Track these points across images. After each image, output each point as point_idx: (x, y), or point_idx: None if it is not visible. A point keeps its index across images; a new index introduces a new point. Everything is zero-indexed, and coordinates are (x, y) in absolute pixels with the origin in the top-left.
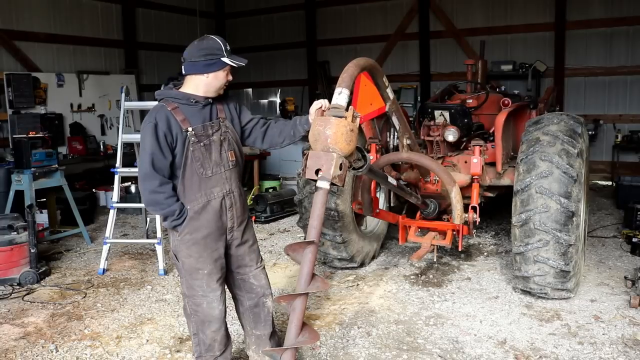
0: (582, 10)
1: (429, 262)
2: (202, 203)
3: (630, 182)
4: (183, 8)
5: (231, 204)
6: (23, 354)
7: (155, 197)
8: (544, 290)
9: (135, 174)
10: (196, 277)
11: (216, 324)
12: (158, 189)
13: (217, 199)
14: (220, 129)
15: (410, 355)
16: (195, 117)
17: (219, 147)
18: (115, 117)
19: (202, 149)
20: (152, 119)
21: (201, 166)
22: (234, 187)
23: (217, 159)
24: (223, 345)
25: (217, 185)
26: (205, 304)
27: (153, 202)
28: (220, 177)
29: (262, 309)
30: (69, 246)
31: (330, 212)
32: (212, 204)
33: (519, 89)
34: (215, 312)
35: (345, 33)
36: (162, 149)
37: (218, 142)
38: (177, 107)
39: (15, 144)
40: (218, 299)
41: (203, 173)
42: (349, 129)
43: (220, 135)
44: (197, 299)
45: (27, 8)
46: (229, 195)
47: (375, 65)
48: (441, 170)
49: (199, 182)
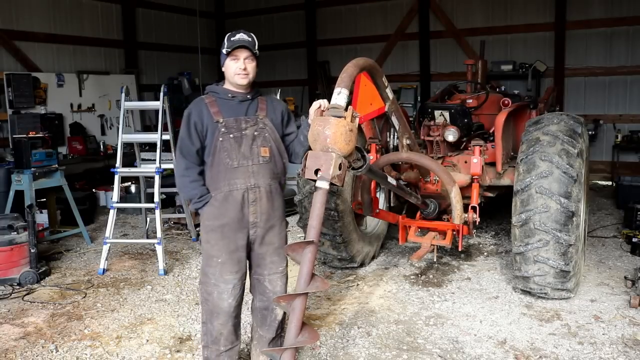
0: (582, 10)
1: (429, 262)
2: (224, 192)
3: (630, 182)
4: (183, 8)
5: (255, 198)
6: (23, 354)
7: (181, 180)
8: (544, 290)
9: (135, 174)
10: (210, 264)
11: (223, 317)
12: (184, 172)
13: (240, 190)
14: (256, 125)
15: (410, 355)
16: (230, 110)
17: (251, 141)
18: (115, 117)
19: (232, 141)
20: (188, 109)
21: (228, 156)
22: (261, 182)
23: (246, 152)
24: (229, 342)
25: (241, 177)
26: (215, 294)
27: (179, 184)
28: (245, 169)
29: (270, 313)
30: (69, 246)
31: (330, 212)
32: (233, 194)
33: (519, 89)
34: (224, 304)
35: (345, 33)
36: (191, 136)
37: (251, 136)
38: (215, 100)
39: (15, 144)
40: (229, 291)
41: (229, 163)
42: (348, 129)
43: (255, 130)
44: (209, 286)
45: (27, 8)
46: (253, 189)
47: (375, 65)
48: (441, 170)
49: (225, 172)
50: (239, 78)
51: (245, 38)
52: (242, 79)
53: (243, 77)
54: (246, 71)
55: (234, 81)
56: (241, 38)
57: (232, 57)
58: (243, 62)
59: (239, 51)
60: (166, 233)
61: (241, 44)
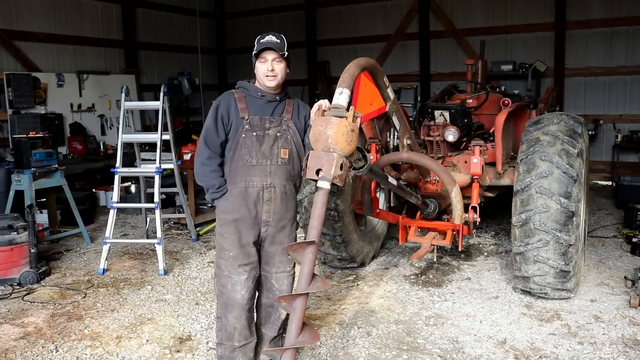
0: (582, 10)
1: (429, 262)
2: (240, 188)
3: (630, 182)
4: (183, 8)
5: (269, 197)
6: (23, 354)
7: (201, 169)
8: (544, 290)
9: (135, 174)
10: (223, 256)
11: (237, 310)
12: (206, 161)
13: (255, 188)
14: (280, 126)
15: (410, 355)
16: (257, 108)
17: (272, 142)
18: (115, 117)
19: (253, 139)
20: (217, 100)
21: (248, 154)
22: (277, 183)
23: (266, 151)
24: (243, 338)
25: (258, 175)
26: (229, 285)
27: (199, 173)
28: (263, 168)
29: (274, 311)
30: (69, 246)
31: (330, 212)
32: (249, 191)
33: (519, 89)
34: (237, 295)
35: (345, 33)
36: (217, 127)
37: (273, 136)
38: (244, 96)
39: (15, 144)
40: (242, 283)
41: (248, 160)
42: (350, 129)
43: (278, 131)
44: (222, 279)
45: (27, 8)
46: (268, 188)
47: (376, 65)
48: (441, 170)
49: (243, 168)
50: (268, 80)
51: (273, 40)
52: (271, 81)
53: (271, 79)
54: (274, 72)
55: (263, 83)
56: (269, 40)
57: (260, 59)
58: (271, 64)
59: (267, 53)
60: (166, 233)
61: (268, 45)
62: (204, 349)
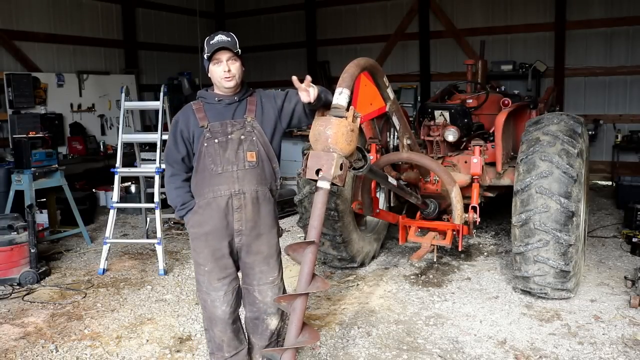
0: (582, 10)
1: (429, 262)
2: (207, 199)
3: (630, 182)
4: (183, 8)
5: (239, 205)
6: (23, 354)
7: (167, 187)
8: (544, 290)
9: (135, 174)
10: (199, 272)
11: (221, 324)
12: (169, 179)
13: (223, 197)
14: (243, 128)
15: (410, 355)
16: (216, 114)
17: (237, 146)
18: (115, 117)
19: (216, 146)
20: (176, 116)
21: (212, 162)
22: (247, 189)
23: (231, 157)
24: (233, 348)
25: (225, 183)
26: (209, 301)
27: (166, 191)
28: (230, 175)
29: (260, 323)
30: (69, 246)
31: (330, 212)
32: (217, 201)
33: (519, 89)
34: (217, 311)
35: (345, 33)
36: (177, 143)
37: (237, 140)
38: (201, 105)
39: (15, 144)
40: (221, 299)
41: (213, 169)
42: (350, 129)
43: (242, 134)
44: (202, 294)
45: (27, 8)
46: (237, 195)
47: (376, 65)
48: (441, 170)
49: (209, 178)
50: (226, 81)
51: (224, 39)
52: (229, 82)
53: (229, 79)
54: (231, 73)
55: (222, 85)
56: (220, 40)
57: (214, 61)
58: (226, 64)
59: (220, 53)
60: (166, 233)
61: (221, 45)
62: (204, 349)
